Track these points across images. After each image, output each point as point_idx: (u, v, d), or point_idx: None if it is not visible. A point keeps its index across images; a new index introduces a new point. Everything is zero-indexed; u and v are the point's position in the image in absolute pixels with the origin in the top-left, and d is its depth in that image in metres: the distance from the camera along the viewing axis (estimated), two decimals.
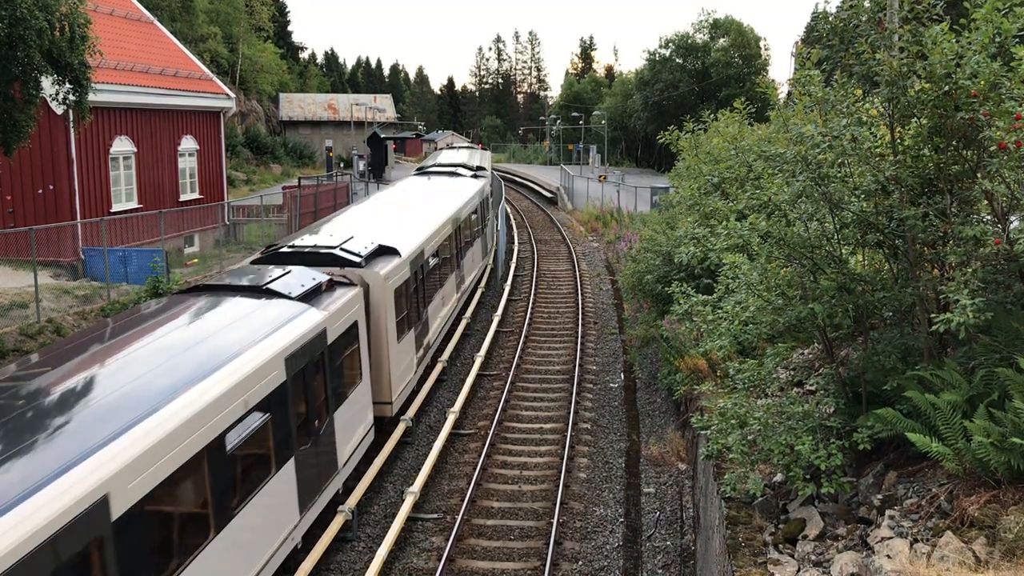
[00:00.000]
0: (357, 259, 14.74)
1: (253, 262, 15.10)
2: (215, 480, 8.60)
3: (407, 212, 21.79)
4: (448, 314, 21.35)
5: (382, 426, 15.19)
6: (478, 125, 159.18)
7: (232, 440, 8.91)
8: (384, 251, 15.97)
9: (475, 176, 31.77)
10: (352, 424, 13.06)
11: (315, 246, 15.19)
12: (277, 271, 12.93)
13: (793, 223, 8.83)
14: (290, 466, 10.47)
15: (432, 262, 19.28)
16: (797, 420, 8.78)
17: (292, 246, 15.39)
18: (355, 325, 13.29)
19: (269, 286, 12.06)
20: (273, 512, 10.01)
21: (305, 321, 11.33)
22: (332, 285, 13.27)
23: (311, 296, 12.34)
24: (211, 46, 61.60)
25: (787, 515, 8.60)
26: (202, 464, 8.35)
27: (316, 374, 11.50)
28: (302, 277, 12.78)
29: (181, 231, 30.52)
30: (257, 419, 9.55)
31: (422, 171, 33.65)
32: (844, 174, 8.61)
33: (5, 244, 22.26)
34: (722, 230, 9.25)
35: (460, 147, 49.12)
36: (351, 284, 13.83)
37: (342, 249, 14.98)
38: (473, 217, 26.86)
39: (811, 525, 8.02)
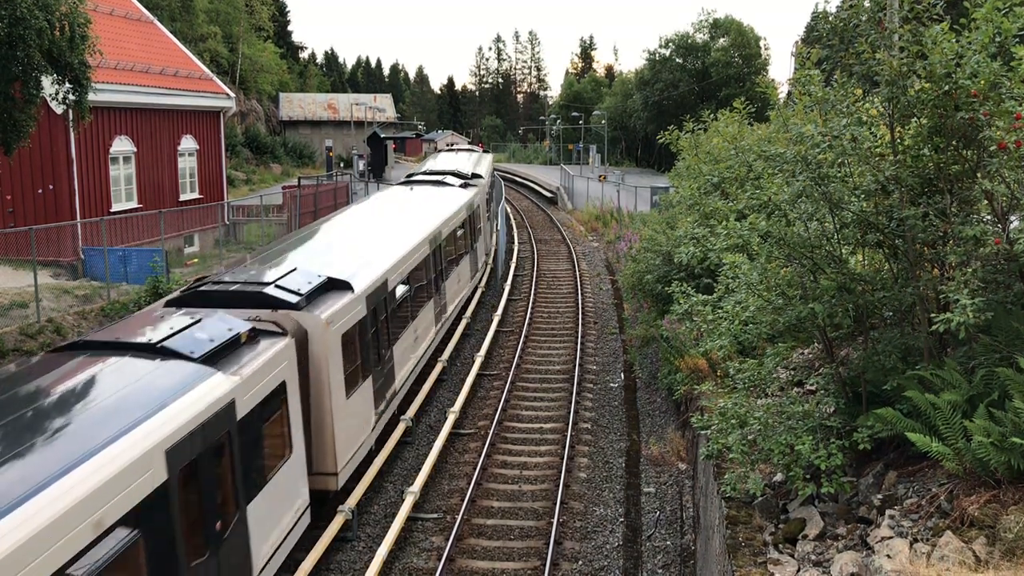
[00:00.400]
0: (294, 299, 12.16)
1: (168, 303, 12.41)
2: None
3: (375, 232, 19.05)
4: (423, 353, 18.53)
5: (325, 501, 12.61)
6: (478, 125, 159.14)
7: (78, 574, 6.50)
8: (333, 286, 13.41)
9: (465, 185, 28.39)
10: (275, 513, 10.37)
11: (244, 283, 12.59)
12: (183, 320, 10.35)
13: (793, 223, 8.83)
14: None
15: (400, 292, 16.69)
16: (797, 420, 8.78)
17: (220, 282, 12.87)
18: (282, 386, 10.72)
19: (165, 343, 9.51)
20: None
21: (204, 393, 8.83)
22: (255, 336, 10.70)
23: (220, 355, 9.77)
24: (211, 46, 61.62)
25: (787, 515, 8.60)
26: None
27: (217, 462, 8.97)
28: (214, 329, 10.20)
29: (181, 231, 30.53)
30: (120, 539, 7.05)
31: (409, 179, 29.91)
32: (844, 174, 8.61)
33: (5, 244, 22.27)
34: (722, 230, 9.25)
35: (459, 149, 46.51)
36: (281, 333, 11.20)
37: (277, 286, 12.34)
38: (459, 233, 23.97)
39: (811, 525, 8.02)
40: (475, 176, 31.05)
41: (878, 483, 8.25)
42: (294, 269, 13.39)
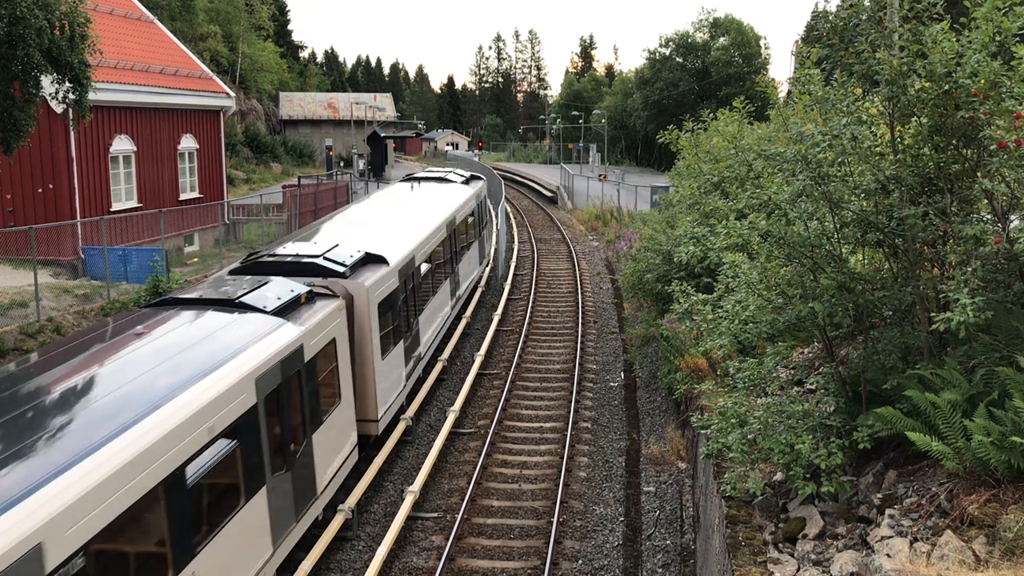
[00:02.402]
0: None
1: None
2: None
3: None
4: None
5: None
6: (478, 124, 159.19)
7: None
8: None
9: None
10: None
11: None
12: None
13: (793, 222, 8.82)
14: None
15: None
16: (797, 419, 8.78)
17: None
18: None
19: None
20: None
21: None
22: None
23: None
24: (211, 45, 61.58)
25: (787, 514, 8.60)
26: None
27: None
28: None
29: (181, 230, 30.52)
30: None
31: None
32: (844, 173, 8.61)
33: (5, 243, 22.26)
34: (722, 229, 9.24)
35: (432, 178, 29.15)
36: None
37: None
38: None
39: (811, 524, 8.02)
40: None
41: (878, 482, 8.25)
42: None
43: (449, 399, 18.66)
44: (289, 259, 14.15)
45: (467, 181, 28.90)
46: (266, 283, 12.12)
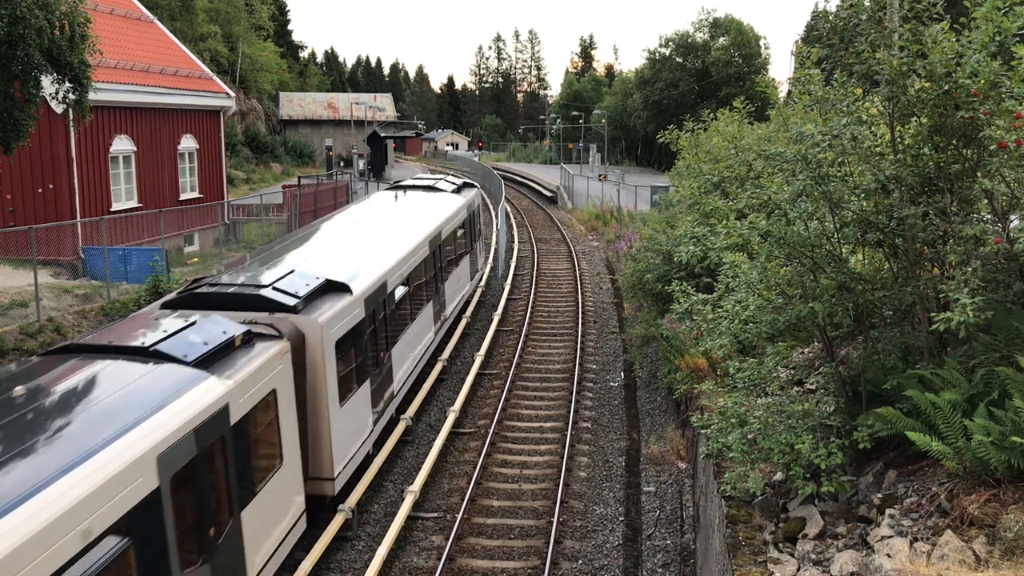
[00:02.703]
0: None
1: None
2: None
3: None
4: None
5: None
6: (478, 124, 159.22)
7: None
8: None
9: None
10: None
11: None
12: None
13: (793, 222, 8.82)
14: None
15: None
16: (797, 419, 8.78)
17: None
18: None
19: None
20: None
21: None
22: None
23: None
24: (211, 45, 61.60)
25: (787, 514, 8.61)
26: None
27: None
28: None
29: (181, 230, 30.52)
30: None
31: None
32: (844, 173, 8.61)
33: (5, 243, 22.26)
34: (722, 229, 9.25)
35: (420, 187, 26.84)
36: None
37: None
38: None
39: (811, 524, 8.03)
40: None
41: (878, 482, 8.25)
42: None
43: (449, 399, 18.66)
44: (232, 290, 12.15)
45: (458, 190, 26.45)
46: (193, 323, 10.03)
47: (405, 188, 25.55)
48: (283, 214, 33.36)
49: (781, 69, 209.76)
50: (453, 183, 27.07)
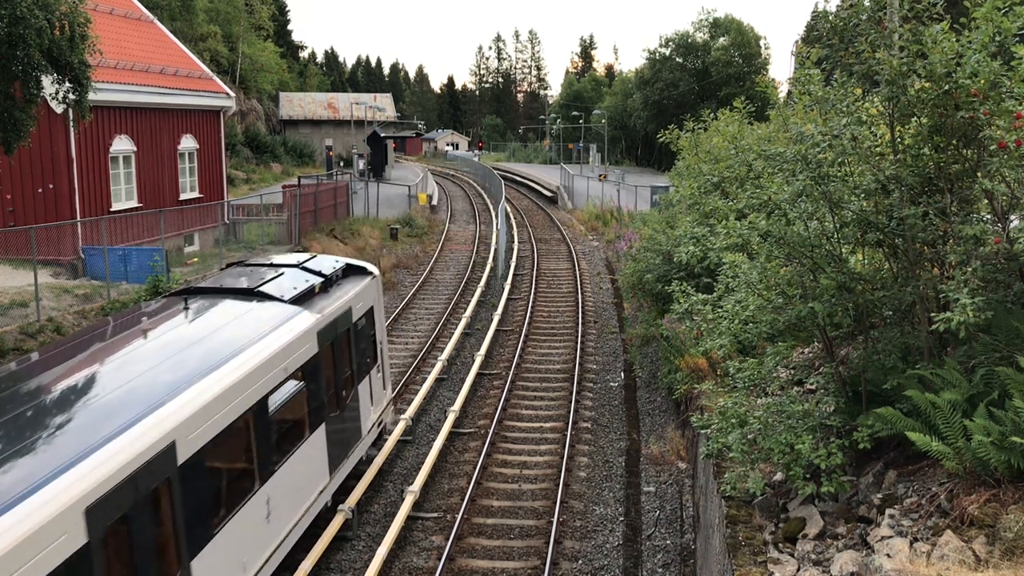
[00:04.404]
0: None
1: None
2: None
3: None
4: None
5: None
6: (478, 124, 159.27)
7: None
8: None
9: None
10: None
11: None
12: None
13: (793, 222, 8.83)
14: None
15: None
16: (797, 419, 8.78)
17: None
18: None
19: None
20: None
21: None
22: None
23: None
24: (211, 45, 61.59)
25: (787, 514, 8.61)
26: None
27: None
28: None
29: (181, 230, 30.51)
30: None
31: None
32: (844, 173, 8.61)
33: (5, 243, 22.25)
34: (722, 229, 9.25)
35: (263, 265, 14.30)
36: None
37: None
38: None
39: (811, 524, 8.03)
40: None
41: (878, 482, 8.25)
42: None
43: (449, 399, 18.67)
44: None
45: (327, 285, 13.18)
46: None
47: (209, 293, 12.26)
48: (283, 214, 33.33)
49: (781, 69, 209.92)
50: (319, 272, 13.32)
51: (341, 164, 69.71)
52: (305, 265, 13.49)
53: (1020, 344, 7.49)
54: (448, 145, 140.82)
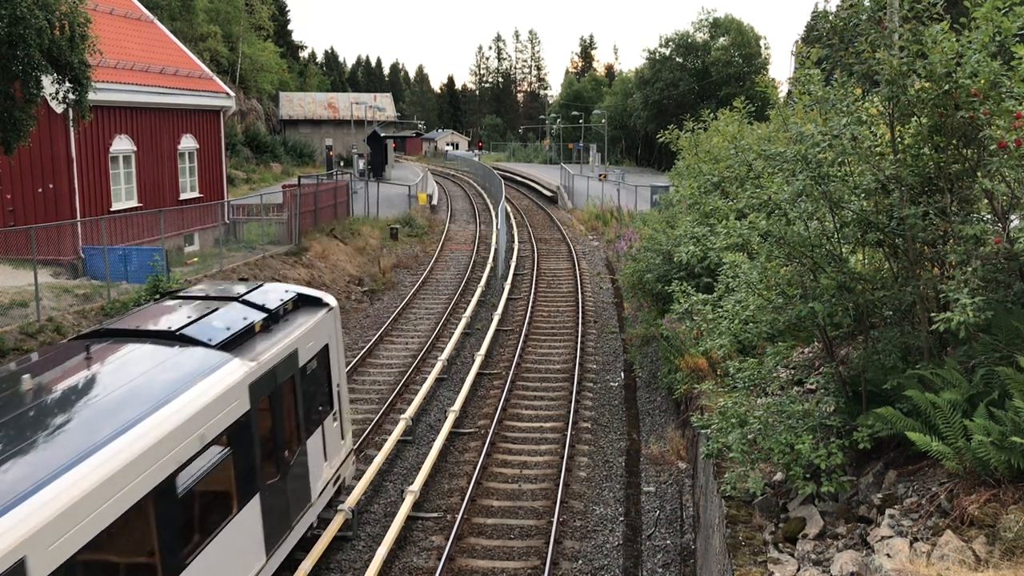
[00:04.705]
0: None
1: None
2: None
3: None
4: None
5: None
6: (478, 124, 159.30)
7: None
8: None
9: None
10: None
11: None
12: None
13: (793, 222, 8.83)
14: None
15: None
16: (797, 419, 8.78)
17: None
18: None
19: None
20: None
21: None
22: None
23: None
24: (211, 45, 61.57)
25: (787, 514, 8.61)
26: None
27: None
28: None
29: (181, 230, 30.50)
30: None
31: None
32: (844, 173, 8.61)
33: (5, 243, 22.24)
34: (722, 229, 9.25)
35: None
36: None
37: None
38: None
39: (811, 524, 8.03)
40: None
41: (878, 482, 8.25)
42: None
43: (449, 399, 18.66)
44: None
45: (272, 321, 11.27)
46: None
47: (118, 336, 10.15)
48: (283, 214, 33.31)
49: (781, 69, 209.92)
50: (264, 307, 11.38)
51: (341, 164, 69.71)
52: (246, 298, 11.40)
53: (1020, 344, 7.49)
54: (448, 145, 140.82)
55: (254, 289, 11.93)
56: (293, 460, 10.83)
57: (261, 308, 11.22)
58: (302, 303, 12.31)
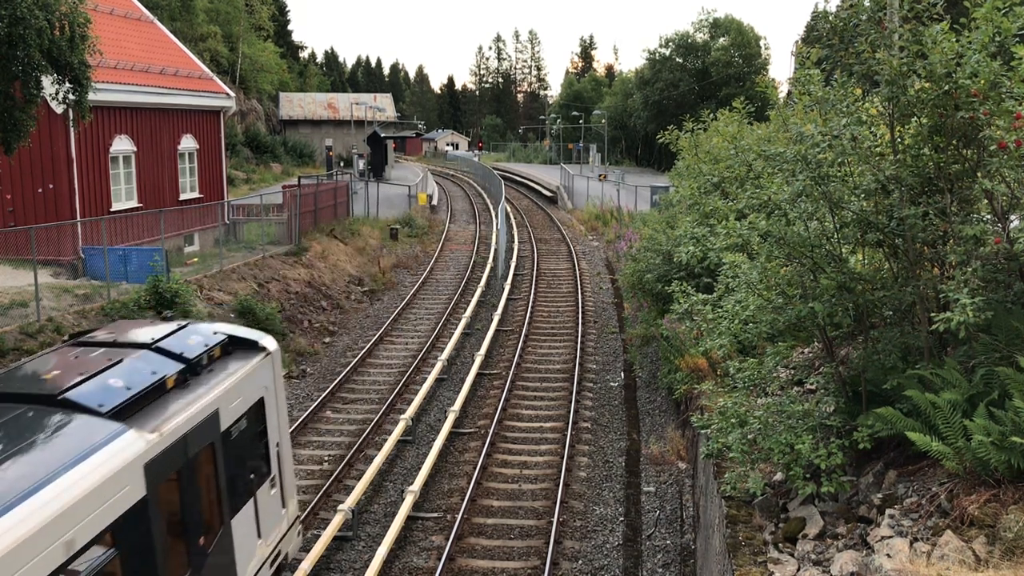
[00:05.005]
0: None
1: None
2: None
3: None
4: None
5: None
6: (478, 124, 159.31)
7: None
8: None
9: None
10: None
11: None
12: None
13: (793, 222, 8.83)
14: None
15: None
16: (797, 419, 8.79)
17: None
18: None
19: None
20: None
21: None
22: None
23: None
24: (211, 45, 61.58)
25: (787, 514, 8.61)
26: None
27: None
28: None
29: (181, 230, 30.50)
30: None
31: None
32: (844, 173, 8.62)
33: (5, 243, 22.24)
34: (722, 229, 9.25)
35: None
36: None
37: None
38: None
39: (811, 524, 8.03)
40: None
41: (878, 482, 8.25)
42: None
43: (449, 399, 18.66)
44: None
45: (189, 373, 9.11)
46: None
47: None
48: (283, 214, 33.32)
49: (781, 69, 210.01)
50: (156, 367, 8.81)
51: (341, 164, 69.71)
52: (160, 344, 9.07)
53: (1020, 344, 7.49)
54: (448, 145, 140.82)
55: (174, 332, 9.62)
56: (212, 546, 8.69)
57: (178, 357, 9.04)
58: (233, 347, 10.17)
